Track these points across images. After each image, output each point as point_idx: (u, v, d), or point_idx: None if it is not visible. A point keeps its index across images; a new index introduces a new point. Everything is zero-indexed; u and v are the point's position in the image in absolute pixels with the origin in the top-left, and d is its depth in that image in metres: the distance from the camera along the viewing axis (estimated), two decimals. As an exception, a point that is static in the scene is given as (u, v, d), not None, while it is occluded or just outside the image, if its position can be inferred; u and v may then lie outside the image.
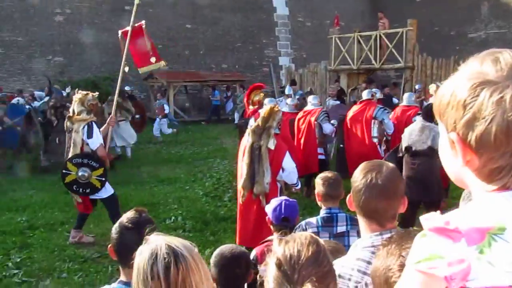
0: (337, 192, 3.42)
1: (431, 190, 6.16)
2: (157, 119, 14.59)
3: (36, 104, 13.79)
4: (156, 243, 1.51)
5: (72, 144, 6.47)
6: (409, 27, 16.71)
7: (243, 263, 2.60)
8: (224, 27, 24.27)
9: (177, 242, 1.53)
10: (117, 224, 2.33)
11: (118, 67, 23.17)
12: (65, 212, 8.06)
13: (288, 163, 5.45)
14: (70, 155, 6.49)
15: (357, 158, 8.20)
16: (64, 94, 13.99)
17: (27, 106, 12.96)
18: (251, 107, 10.19)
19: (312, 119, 8.68)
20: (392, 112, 8.97)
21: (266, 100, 8.78)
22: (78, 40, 21.37)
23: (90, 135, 6.32)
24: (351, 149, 8.70)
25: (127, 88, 15.82)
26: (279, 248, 1.42)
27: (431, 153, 6.39)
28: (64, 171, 6.42)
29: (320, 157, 8.72)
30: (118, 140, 12.80)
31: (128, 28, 7.10)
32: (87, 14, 21.61)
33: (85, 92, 6.75)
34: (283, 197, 3.56)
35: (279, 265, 1.38)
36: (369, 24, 22.38)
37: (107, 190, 6.62)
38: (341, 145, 9.02)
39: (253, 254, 3.36)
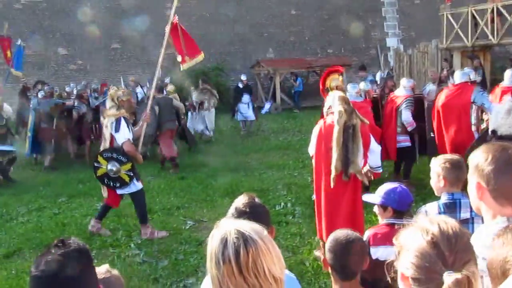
0: (465, 175, 3.22)
1: None
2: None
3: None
4: (226, 228, 1.54)
5: (103, 139, 6.67)
6: (532, -3, 15.38)
7: (359, 249, 2.56)
8: (329, 11, 23.94)
9: (246, 226, 1.55)
10: (233, 210, 2.38)
11: (225, 57, 23.72)
12: (180, 198, 8.45)
13: (374, 144, 5.30)
14: (101, 149, 6.69)
15: (453, 148, 7.41)
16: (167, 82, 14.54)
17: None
18: (331, 93, 9.66)
19: (395, 106, 8.19)
20: (491, 95, 8.02)
21: (349, 86, 8.29)
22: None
23: (117, 129, 6.38)
24: (444, 138, 7.79)
25: (243, 77, 16.08)
26: (433, 226, 1.37)
27: None
28: (95, 164, 6.54)
29: (403, 144, 8.23)
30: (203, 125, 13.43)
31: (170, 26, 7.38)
32: (195, 6, 22.32)
33: (116, 88, 6.97)
34: (396, 183, 3.43)
35: (435, 243, 1.33)
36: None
37: (136, 185, 6.60)
38: (432, 134, 8.18)
39: (365, 236, 3.29)
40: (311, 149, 5.45)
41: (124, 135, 6.39)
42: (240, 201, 2.40)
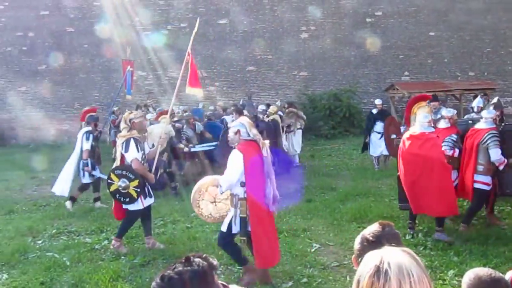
0: None
1: None
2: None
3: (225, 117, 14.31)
4: (379, 255, 1.50)
5: (115, 158, 7.38)
6: None
7: None
8: (471, 31, 22.61)
9: (402, 256, 1.49)
10: (360, 236, 2.30)
11: (358, 79, 23.43)
12: (307, 220, 8.41)
13: None
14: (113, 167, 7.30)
15: None
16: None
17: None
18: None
19: (477, 141, 7.22)
20: None
21: (420, 116, 7.52)
22: (321, 54, 22.35)
23: (126, 149, 6.95)
24: None
25: (377, 101, 15.58)
26: None
27: None
28: (109, 181, 7.07)
29: (479, 186, 7.23)
30: (291, 148, 13.56)
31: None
32: (330, 29, 22.42)
33: (129, 112, 7.61)
34: None
35: None
36: None
37: (138, 203, 7.06)
38: None
39: (508, 275, 2.97)
40: (233, 179, 5.49)
41: (132, 154, 6.96)
42: (369, 229, 2.30)
